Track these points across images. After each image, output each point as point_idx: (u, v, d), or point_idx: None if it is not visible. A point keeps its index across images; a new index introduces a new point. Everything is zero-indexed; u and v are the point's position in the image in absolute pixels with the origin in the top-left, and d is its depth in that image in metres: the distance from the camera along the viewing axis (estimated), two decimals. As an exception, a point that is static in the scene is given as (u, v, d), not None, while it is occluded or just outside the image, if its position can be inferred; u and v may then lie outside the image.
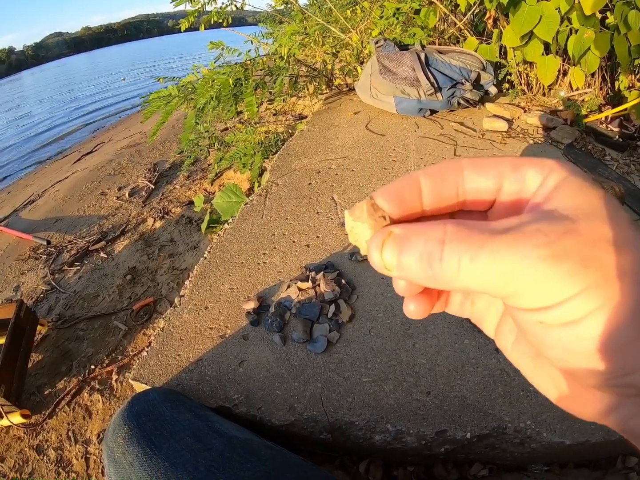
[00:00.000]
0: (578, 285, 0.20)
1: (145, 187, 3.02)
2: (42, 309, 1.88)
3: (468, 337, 0.96)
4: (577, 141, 1.84)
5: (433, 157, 1.65)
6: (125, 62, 22.42)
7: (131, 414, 0.77)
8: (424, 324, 1.00)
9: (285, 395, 0.90)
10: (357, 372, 0.92)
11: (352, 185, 1.54)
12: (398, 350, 0.95)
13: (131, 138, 4.66)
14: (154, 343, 1.05)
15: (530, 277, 0.20)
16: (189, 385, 0.94)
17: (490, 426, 0.83)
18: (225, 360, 0.98)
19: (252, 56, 2.49)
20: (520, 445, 0.82)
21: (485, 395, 0.86)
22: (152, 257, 2.15)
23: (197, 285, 1.19)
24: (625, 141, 1.86)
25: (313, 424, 0.86)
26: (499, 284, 0.21)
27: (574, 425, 0.82)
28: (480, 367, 0.91)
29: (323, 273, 1.11)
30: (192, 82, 2.29)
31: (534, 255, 0.20)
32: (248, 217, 1.44)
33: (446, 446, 0.83)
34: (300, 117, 3.23)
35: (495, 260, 0.21)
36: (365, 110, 2.19)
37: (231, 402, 0.90)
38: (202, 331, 1.06)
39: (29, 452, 1.28)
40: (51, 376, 1.50)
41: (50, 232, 2.60)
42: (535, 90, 2.28)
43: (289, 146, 1.89)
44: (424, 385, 0.89)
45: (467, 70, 2.00)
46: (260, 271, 1.21)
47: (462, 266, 0.21)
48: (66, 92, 12.15)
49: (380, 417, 0.85)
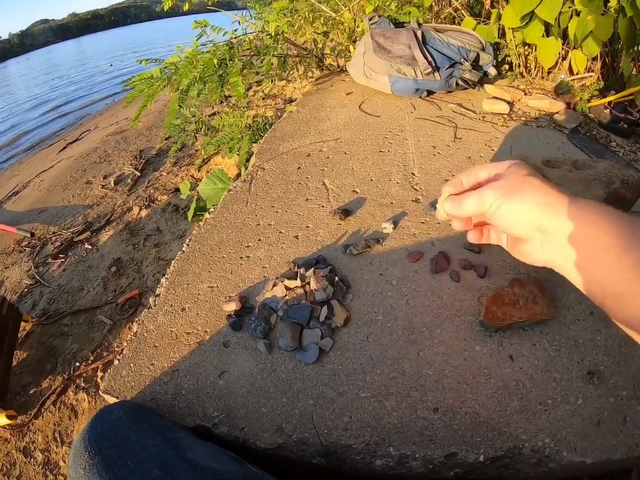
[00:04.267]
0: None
1: (131, 175, 3.01)
2: (26, 304, 1.86)
3: (479, 343, 0.85)
4: (581, 126, 1.76)
5: (431, 139, 1.53)
6: (112, 48, 22.17)
7: (93, 437, 0.66)
8: (429, 327, 0.88)
9: (272, 413, 0.78)
10: (354, 385, 0.81)
11: (345, 170, 1.42)
12: (400, 360, 0.84)
13: (117, 125, 4.65)
14: (126, 350, 0.93)
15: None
16: (164, 400, 0.83)
17: (505, 447, 0.72)
18: (204, 372, 0.86)
19: (239, 35, 2.35)
20: (537, 465, 0.72)
21: (500, 411, 0.76)
22: (137, 248, 2.13)
23: (173, 283, 1.07)
24: (631, 128, 1.79)
25: (304, 447, 0.74)
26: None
27: (595, 442, 0.72)
28: (494, 378, 0.80)
29: (313, 269, 0.99)
30: (175, 63, 2.15)
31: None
32: (231, 205, 1.31)
33: (456, 470, 0.73)
34: (290, 101, 3.13)
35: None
36: (358, 90, 2.06)
37: (210, 420, 0.78)
38: (178, 337, 0.94)
39: (16, 454, 1.26)
40: (36, 374, 1.48)
41: (35, 223, 2.59)
42: (534, 74, 2.20)
43: (276, 128, 1.76)
44: (430, 401, 0.77)
45: (465, 50, 1.89)
46: (243, 267, 1.09)
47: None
48: (52, 80, 11.95)
49: (381, 439, 0.73)
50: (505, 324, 0.84)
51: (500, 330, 0.86)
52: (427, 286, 0.97)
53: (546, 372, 0.80)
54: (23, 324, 1.63)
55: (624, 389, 0.78)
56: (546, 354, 0.83)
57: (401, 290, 0.97)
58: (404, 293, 0.96)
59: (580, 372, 0.80)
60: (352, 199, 1.27)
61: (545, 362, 0.82)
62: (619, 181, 0.99)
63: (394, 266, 1.03)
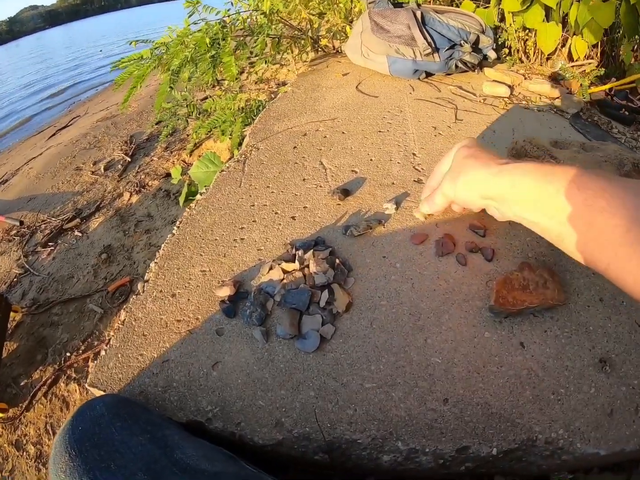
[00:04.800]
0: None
1: (122, 160, 2.98)
2: (15, 294, 1.83)
3: (489, 330, 0.80)
4: (582, 112, 1.73)
5: (432, 120, 1.48)
6: (103, 33, 21.92)
7: (73, 437, 0.60)
8: (436, 313, 0.83)
9: (270, 406, 0.73)
10: (358, 376, 0.75)
11: (343, 149, 1.35)
12: (407, 348, 0.78)
13: (107, 110, 4.62)
14: (113, 340, 0.87)
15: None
16: (154, 393, 0.77)
17: (519, 439, 0.68)
18: (196, 362, 0.80)
19: (231, 14, 2.27)
20: (550, 457, 0.68)
21: (512, 401, 0.71)
22: (128, 234, 2.10)
23: (163, 268, 1.01)
24: (632, 115, 1.78)
25: (306, 442, 0.69)
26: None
27: (608, 432, 0.68)
28: (505, 367, 0.75)
29: (312, 251, 0.93)
30: (166, 43, 2.08)
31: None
32: (224, 186, 1.25)
33: (467, 464, 0.68)
34: (283, 84, 3.07)
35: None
36: (355, 71, 2.00)
37: (204, 415, 0.73)
38: (168, 325, 0.88)
39: (8, 448, 1.24)
40: (27, 366, 1.45)
41: (24, 211, 2.56)
42: (534, 59, 2.17)
43: (271, 108, 1.69)
44: (439, 391, 0.73)
45: (465, 32, 1.83)
46: (237, 249, 1.03)
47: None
48: (42, 67, 11.79)
49: (388, 432, 0.68)
50: (516, 310, 0.79)
51: (510, 316, 0.81)
52: (433, 269, 0.91)
53: (558, 359, 0.76)
54: (13, 315, 1.59)
55: (636, 378, 0.74)
56: (557, 341, 0.78)
57: (406, 273, 0.91)
58: (409, 277, 0.91)
59: (592, 360, 0.76)
60: (351, 178, 1.22)
61: (556, 349, 0.77)
62: (630, 164, 0.96)
63: (398, 248, 0.97)
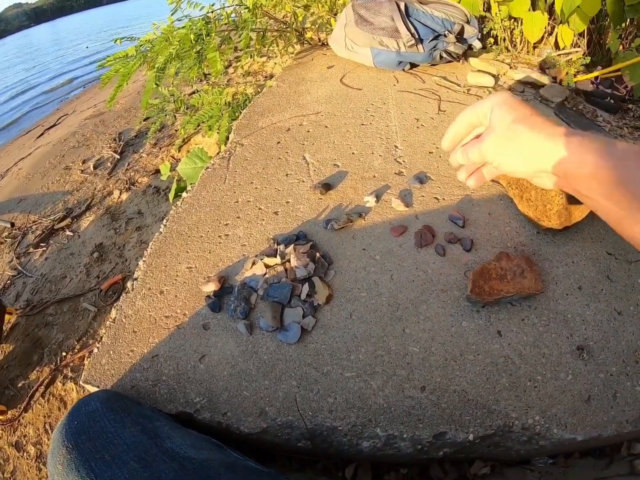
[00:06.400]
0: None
1: (111, 158, 2.96)
2: (9, 296, 1.83)
3: (466, 319, 0.83)
4: (567, 100, 1.73)
5: (415, 112, 1.49)
6: (88, 29, 21.73)
7: (70, 431, 0.63)
8: (414, 303, 0.86)
9: (255, 396, 0.75)
10: (338, 365, 0.78)
11: (325, 143, 1.37)
12: (385, 337, 0.81)
13: (95, 108, 4.57)
14: (105, 338, 0.90)
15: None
16: (145, 387, 0.80)
17: (495, 425, 0.71)
18: (184, 356, 0.83)
19: (216, 9, 2.28)
20: (527, 442, 0.71)
21: (489, 388, 0.74)
22: (119, 232, 2.09)
23: (151, 265, 1.03)
24: (617, 103, 1.79)
25: (289, 430, 0.72)
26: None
27: (585, 418, 0.71)
28: (482, 355, 0.78)
29: (294, 245, 0.96)
30: (151, 40, 2.08)
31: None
32: (209, 183, 1.27)
33: (445, 449, 0.71)
34: (270, 77, 3.06)
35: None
36: (340, 64, 2.01)
37: (192, 406, 0.76)
38: (157, 321, 0.90)
39: (8, 449, 1.25)
40: (23, 367, 1.46)
41: (14, 213, 2.54)
42: (520, 48, 2.16)
43: (255, 103, 1.70)
44: (417, 379, 0.75)
45: (450, 22, 1.83)
46: (221, 245, 1.05)
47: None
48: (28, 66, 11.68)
49: (367, 420, 0.71)
50: (492, 299, 0.82)
51: (487, 305, 0.84)
52: (412, 261, 0.94)
53: (535, 347, 0.79)
54: (7, 317, 1.59)
55: (614, 365, 0.76)
56: (535, 329, 0.81)
57: (385, 265, 0.94)
58: (388, 268, 0.93)
59: (569, 347, 0.79)
60: (333, 172, 1.24)
61: (534, 337, 0.80)
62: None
63: (378, 241, 0.99)
